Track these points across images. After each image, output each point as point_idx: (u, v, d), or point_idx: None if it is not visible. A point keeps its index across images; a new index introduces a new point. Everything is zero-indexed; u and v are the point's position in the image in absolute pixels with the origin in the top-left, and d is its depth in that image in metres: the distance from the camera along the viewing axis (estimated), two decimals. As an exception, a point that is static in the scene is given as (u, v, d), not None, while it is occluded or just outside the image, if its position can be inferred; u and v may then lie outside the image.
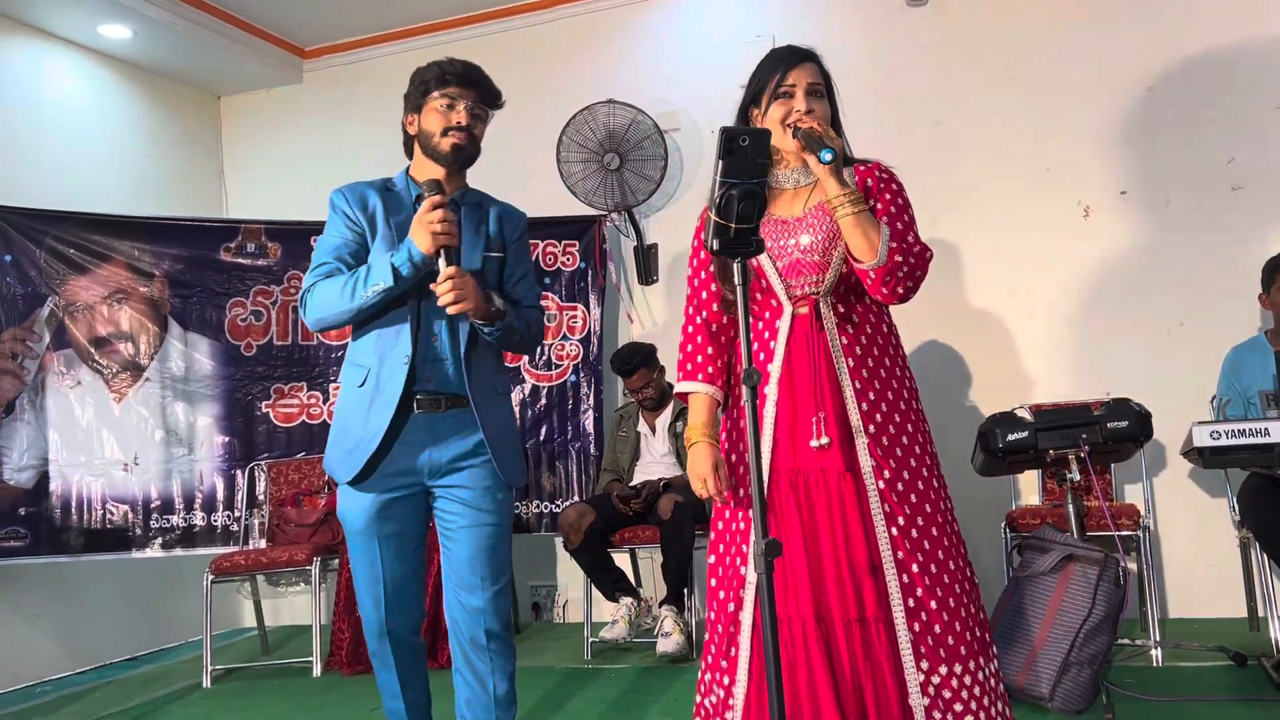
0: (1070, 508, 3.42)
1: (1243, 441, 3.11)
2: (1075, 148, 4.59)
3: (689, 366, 2.36)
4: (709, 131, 5.13)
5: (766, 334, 2.26)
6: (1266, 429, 3.08)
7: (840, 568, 2.10)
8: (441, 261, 2.34)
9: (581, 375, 4.98)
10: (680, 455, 4.48)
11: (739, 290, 1.73)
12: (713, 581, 2.27)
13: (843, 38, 4.86)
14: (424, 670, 2.66)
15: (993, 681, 2.17)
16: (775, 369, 2.20)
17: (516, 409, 4.96)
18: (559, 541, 5.13)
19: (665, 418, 4.56)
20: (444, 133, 2.47)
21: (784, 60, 2.25)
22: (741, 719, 2.11)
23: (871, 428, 2.17)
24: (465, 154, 2.51)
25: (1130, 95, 4.52)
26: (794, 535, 2.11)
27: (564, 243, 5.02)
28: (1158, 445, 4.29)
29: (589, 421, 4.95)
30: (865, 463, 2.15)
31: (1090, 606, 3.10)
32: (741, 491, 2.24)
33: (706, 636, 2.31)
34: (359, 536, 2.50)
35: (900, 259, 2.12)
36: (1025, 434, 3.38)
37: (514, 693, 2.55)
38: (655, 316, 5.19)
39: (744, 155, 1.72)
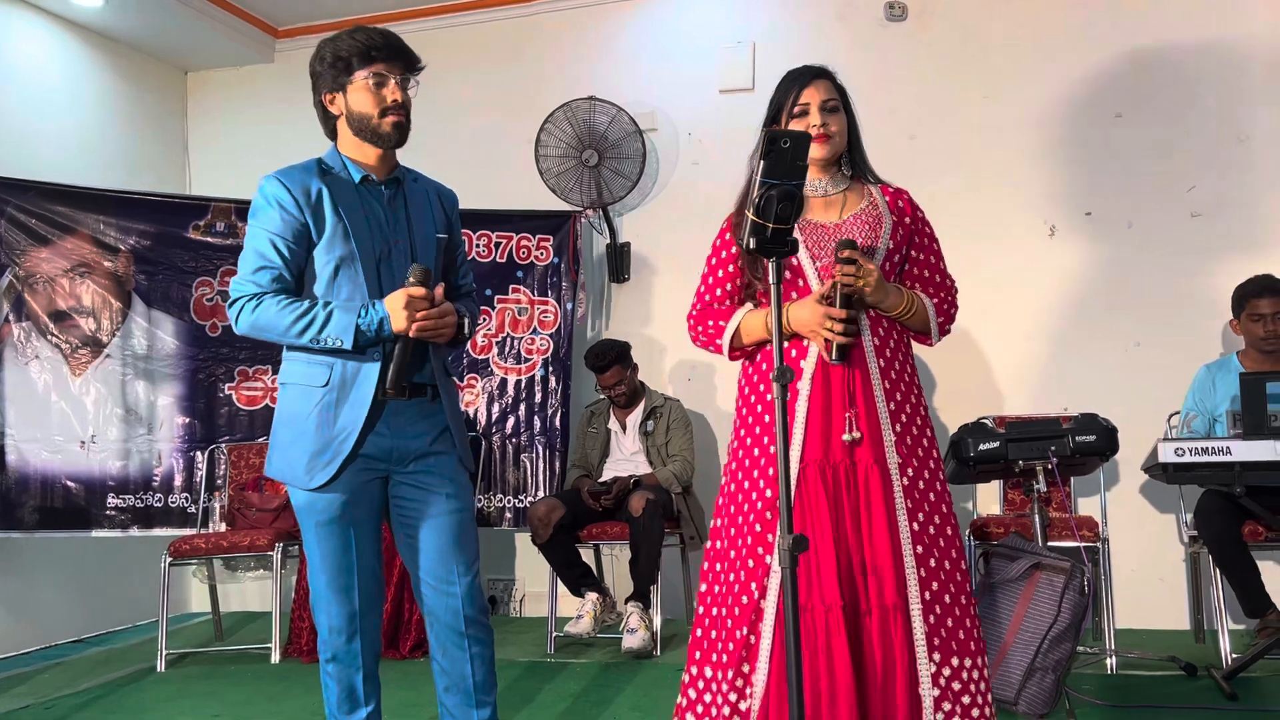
0: (1036, 517, 3.51)
1: (1205, 459, 3.25)
2: (1044, 168, 4.71)
3: (711, 322, 2.39)
4: (686, 133, 5.17)
5: None
6: (1228, 448, 3.21)
7: (864, 556, 2.17)
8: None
9: (550, 370, 4.97)
10: (649, 454, 4.51)
11: (773, 290, 1.77)
12: (730, 576, 2.27)
13: (823, 47, 4.91)
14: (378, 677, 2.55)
15: (988, 678, 2.27)
16: (809, 365, 2.26)
17: (484, 401, 4.95)
18: (519, 536, 5.13)
19: (636, 416, 4.58)
20: (382, 114, 2.37)
21: (797, 80, 2.35)
22: (760, 705, 2.14)
23: (898, 427, 2.26)
24: (405, 131, 2.42)
25: (1100, 120, 4.65)
26: (823, 524, 2.16)
27: (538, 237, 5.00)
28: (1111, 460, 4.41)
29: (556, 417, 4.94)
30: (891, 459, 2.24)
31: (1056, 614, 3.17)
32: (763, 482, 2.26)
33: (700, 632, 2.32)
34: (330, 526, 2.40)
35: (943, 319, 2.39)
36: (997, 444, 3.46)
37: (493, 677, 2.54)
38: (623, 315, 5.21)
39: (784, 157, 1.76)
